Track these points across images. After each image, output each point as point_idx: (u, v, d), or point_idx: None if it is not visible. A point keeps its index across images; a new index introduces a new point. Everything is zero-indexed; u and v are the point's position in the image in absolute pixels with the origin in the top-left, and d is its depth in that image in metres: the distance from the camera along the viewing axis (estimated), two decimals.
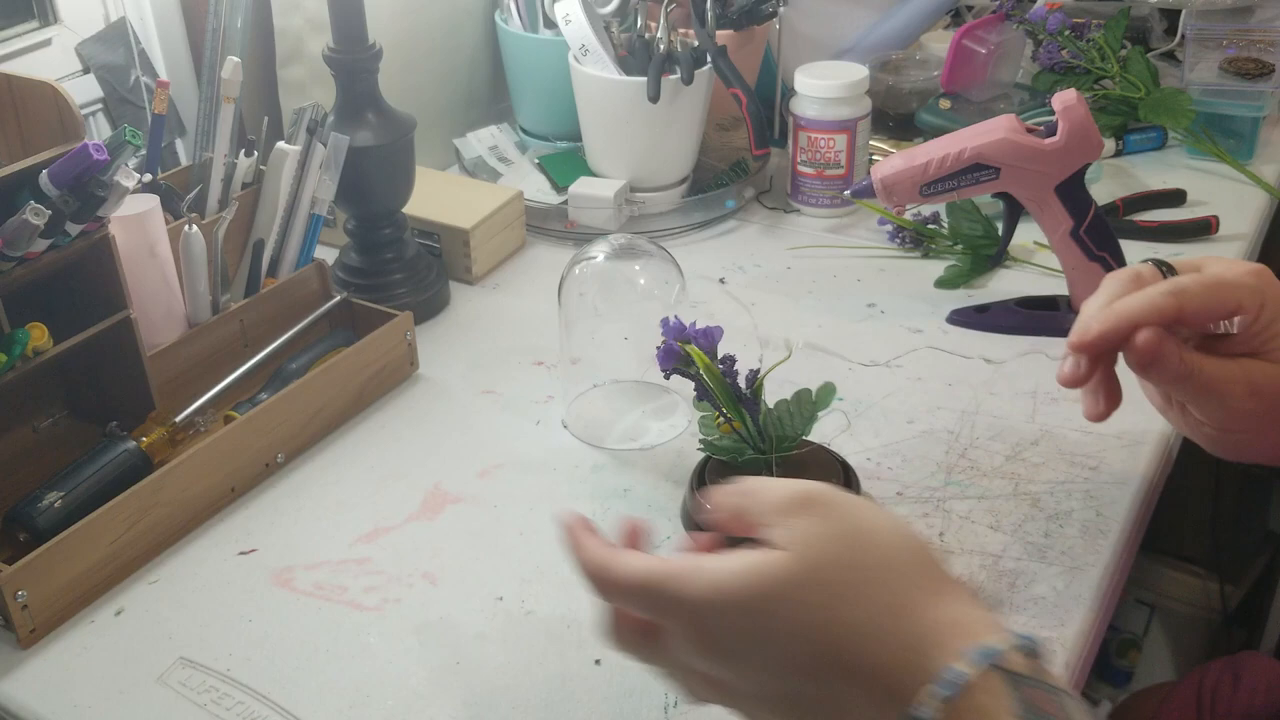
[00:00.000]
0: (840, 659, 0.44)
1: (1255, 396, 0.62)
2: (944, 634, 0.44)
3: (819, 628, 0.44)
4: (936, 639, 0.44)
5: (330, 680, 0.65)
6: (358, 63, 0.90)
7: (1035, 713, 0.41)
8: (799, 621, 0.45)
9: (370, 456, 0.83)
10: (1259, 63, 1.20)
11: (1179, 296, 0.60)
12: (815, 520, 0.46)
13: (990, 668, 0.42)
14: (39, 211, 0.66)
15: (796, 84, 1.10)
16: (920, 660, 0.43)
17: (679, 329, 0.69)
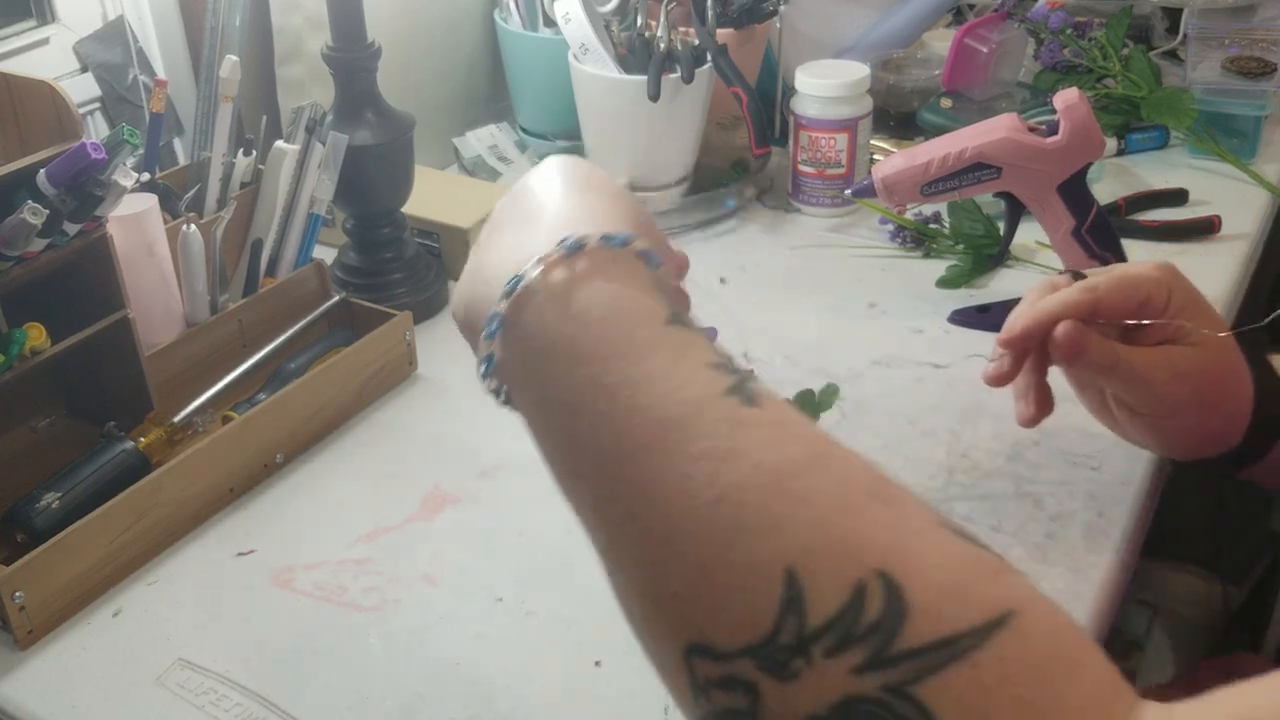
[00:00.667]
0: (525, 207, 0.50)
1: (1179, 379, 0.67)
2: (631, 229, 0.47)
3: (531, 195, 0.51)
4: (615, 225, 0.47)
5: (330, 681, 0.65)
6: (357, 61, 0.90)
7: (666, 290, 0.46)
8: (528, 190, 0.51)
9: (370, 456, 0.83)
10: (1261, 62, 1.19)
11: (1092, 292, 0.67)
12: None
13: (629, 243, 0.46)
14: (37, 211, 0.66)
15: (797, 83, 1.10)
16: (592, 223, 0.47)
17: None
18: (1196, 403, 0.68)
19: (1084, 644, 0.38)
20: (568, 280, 0.45)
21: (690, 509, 0.39)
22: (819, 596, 0.37)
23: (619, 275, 0.45)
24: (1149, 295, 0.68)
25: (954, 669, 0.35)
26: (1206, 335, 0.68)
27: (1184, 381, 0.67)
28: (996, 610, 0.36)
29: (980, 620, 0.36)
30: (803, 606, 0.37)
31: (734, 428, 0.40)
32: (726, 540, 0.38)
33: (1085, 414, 0.82)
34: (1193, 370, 0.68)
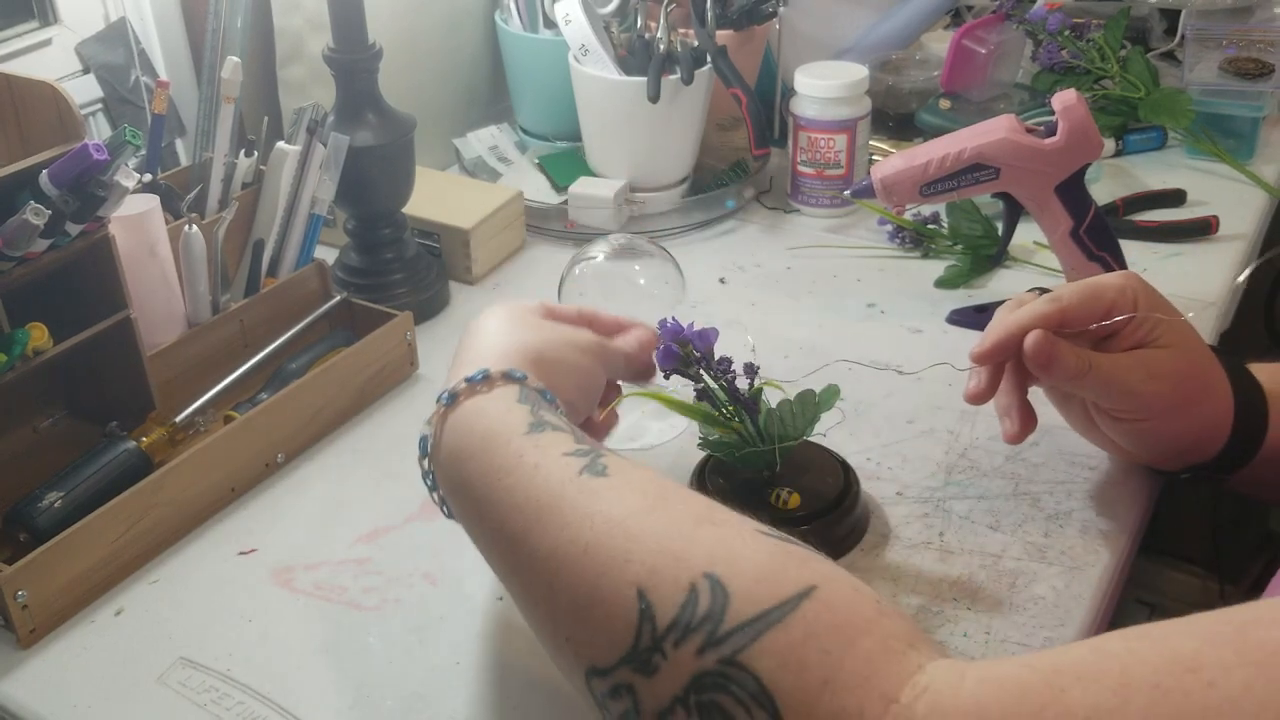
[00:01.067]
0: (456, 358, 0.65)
1: (1155, 379, 0.68)
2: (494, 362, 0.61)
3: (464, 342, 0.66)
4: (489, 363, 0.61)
5: (330, 680, 0.65)
6: (358, 63, 0.90)
7: (526, 398, 0.59)
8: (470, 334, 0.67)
9: (370, 456, 0.83)
10: (1259, 63, 1.20)
11: (1057, 302, 0.69)
12: None
13: (509, 377, 0.60)
14: (39, 211, 0.66)
15: (796, 84, 1.10)
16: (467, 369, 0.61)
17: (675, 330, 0.69)
18: (1175, 402, 0.69)
19: (881, 609, 0.46)
20: (463, 410, 0.59)
21: (565, 564, 0.51)
22: (663, 603, 0.47)
23: (486, 404, 0.59)
24: (1113, 302, 0.69)
25: (770, 635, 0.45)
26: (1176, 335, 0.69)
27: (1159, 380, 0.68)
28: (801, 586, 0.46)
29: (788, 595, 0.45)
30: (653, 614, 0.47)
31: (589, 497, 0.52)
32: (593, 581, 0.49)
33: None
34: (1166, 369, 0.69)
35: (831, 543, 0.71)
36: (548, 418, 0.58)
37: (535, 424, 0.57)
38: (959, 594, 0.69)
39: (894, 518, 0.75)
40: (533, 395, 0.59)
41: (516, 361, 0.62)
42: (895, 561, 0.71)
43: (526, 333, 0.65)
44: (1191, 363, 0.70)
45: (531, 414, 0.58)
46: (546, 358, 0.64)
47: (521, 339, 0.64)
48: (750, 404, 0.71)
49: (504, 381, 0.60)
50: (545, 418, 0.57)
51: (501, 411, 0.58)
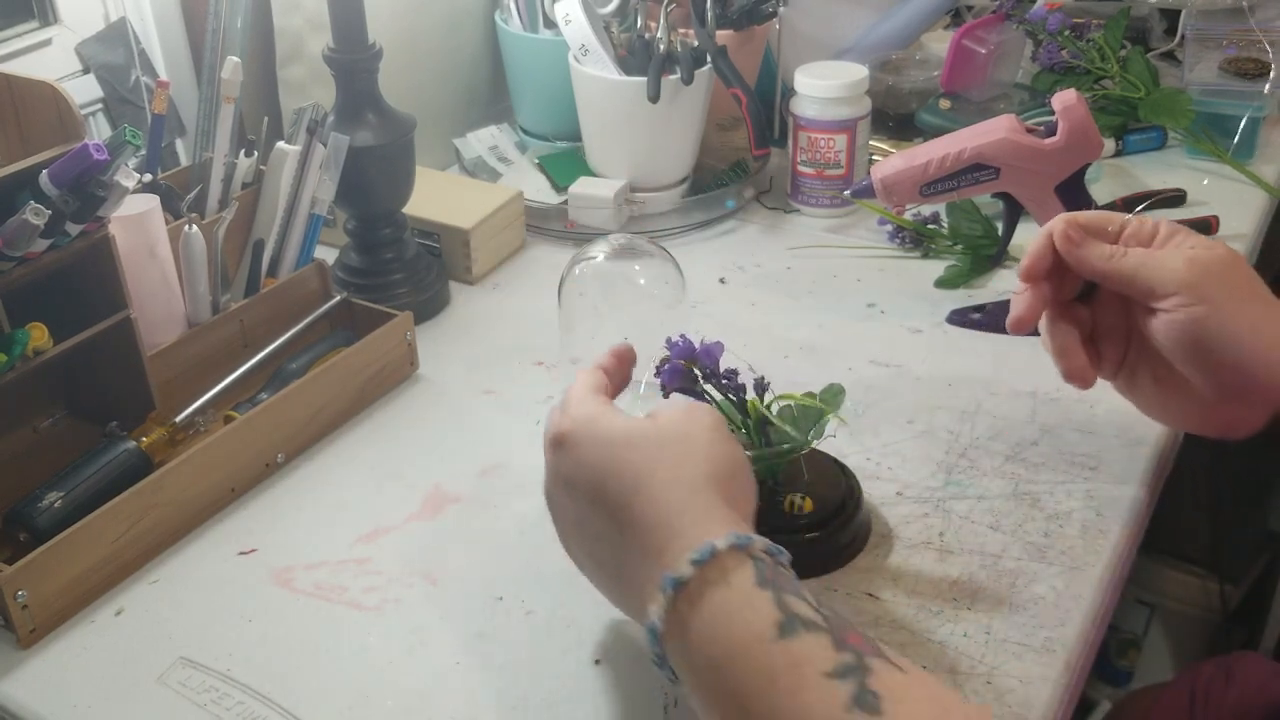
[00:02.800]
0: (629, 504, 0.56)
1: (1195, 263, 0.65)
2: (714, 522, 0.54)
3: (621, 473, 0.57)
4: (707, 523, 0.54)
5: (330, 680, 0.65)
6: (357, 63, 0.90)
7: (767, 580, 0.51)
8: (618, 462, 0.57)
9: (370, 456, 0.83)
10: (1259, 63, 1.20)
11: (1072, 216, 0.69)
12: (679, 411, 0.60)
13: (736, 548, 0.52)
14: (39, 211, 0.66)
15: (796, 84, 1.10)
16: (686, 535, 0.53)
17: (687, 349, 0.68)
18: (1225, 288, 0.64)
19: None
20: (700, 608, 0.51)
21: None
22: None
23: (724, 597, 0.51)
24: (1126, 221, 0.68)
25: None
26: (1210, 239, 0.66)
27: (1201, 264, 0.64)
28: None
29: None
30: None
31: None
32: None
33: (1083, 413, 0.82)
34: (1205, 257, 0.65)
35: (836, 549, 0.71)
36: (796, 608, 0.50)
37: (784, 624, 0.49)
38: (959, 594, 0.69)
39: (894, 518, 0.75)
40: (770, 570, 0.52)
41: (720, 509, 0.54)
42: (895, 562, 0.71)
43: (684, 453, 0.57)
44: (1235, 259, 0.66)
45: (777, 605, 0.50)
46: (724, 477, 0.57)
47: (699, 469, 0.56)
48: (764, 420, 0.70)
49: (734, 557, 0.52)
50: (794, 609, 0.50)
51: (742, 607, 0.50)
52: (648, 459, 0.57)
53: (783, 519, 0.71)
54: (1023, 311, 0.70)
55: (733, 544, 0.52)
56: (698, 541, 0.52)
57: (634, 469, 0.56)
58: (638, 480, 0.56)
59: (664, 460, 0.57)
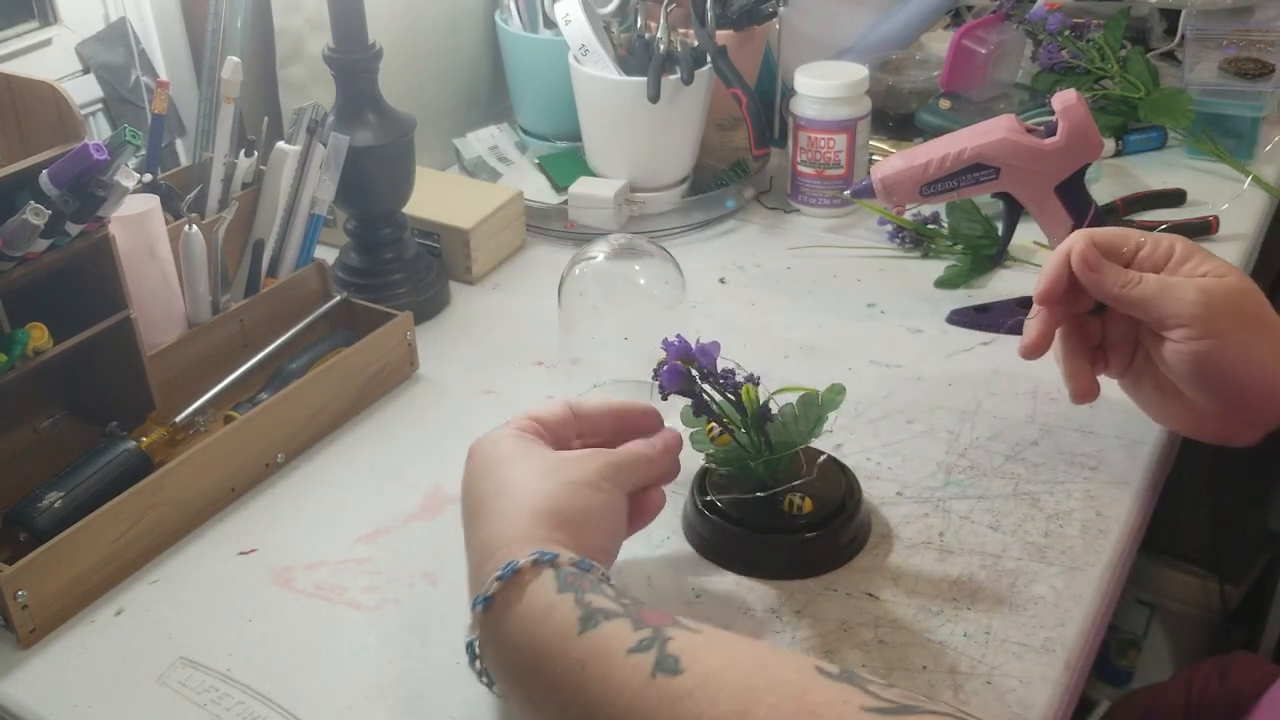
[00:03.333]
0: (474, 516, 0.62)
1: (1208, 293, 0.67)
2: (524, 542, 0.57)
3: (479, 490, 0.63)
4: (519, 542, 0.57)
5: (330, 680, 0.65)
6: (357, 63, 0.90)
7: (567, 585, 0.54)
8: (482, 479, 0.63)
9: (370, 456, 0.83)
10: (1259, 63, 1.20)
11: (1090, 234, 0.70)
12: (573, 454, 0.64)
13: (539, 563, 0.55)
14: (39, 211, 0.66)
15: (796, 84, 1.10)
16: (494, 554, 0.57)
17: (683, 349, 0.68)
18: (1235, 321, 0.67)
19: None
20: (506, 620, 0.54)
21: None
22: None
23: (526, 606, 0.54)
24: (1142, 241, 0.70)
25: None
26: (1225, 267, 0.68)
27: (1214, 295, 0.67)
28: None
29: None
30: None
31: (671, 706, 0.47)
32: None
33: (1083, 413, 0.82)
34: (1219, 288, 0.67)
35: (837, 549, 0.71)
36: (595, 603, 0.53)
37: (585, 617, 0.52)
38: (959, 594, 0.69)
39: (894, 518, 0.75)
40: (572, 576, 0.55)
41: (538, 533, 0.58)
42: (895, 562, 0.71)
43: (533, 484, 0.61)
44: (1246, 290, 0.68)
45: (577, 604, 0.53)
46: (565, 514, 0.60)
47: (532, 500, 0.60)
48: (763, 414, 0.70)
49: (535, 571, 0.55)
50: (593, 604, 0.53)
51: (543, 612, 0.53)
52: (499, 483, 0.62)
53: (783, 518, 0.71)
54: (1036, 338, 0.72)
55: (535, 559, 0.55)
56: (504, 559, 0.56)
57: (482, 491, 0.62)
58: (482, 501, 0.62)
59: (501, 485, 0.62)
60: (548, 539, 0.58)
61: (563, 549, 0.57)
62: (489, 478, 0.63)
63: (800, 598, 0.69)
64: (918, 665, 0.64)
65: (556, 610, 0.53)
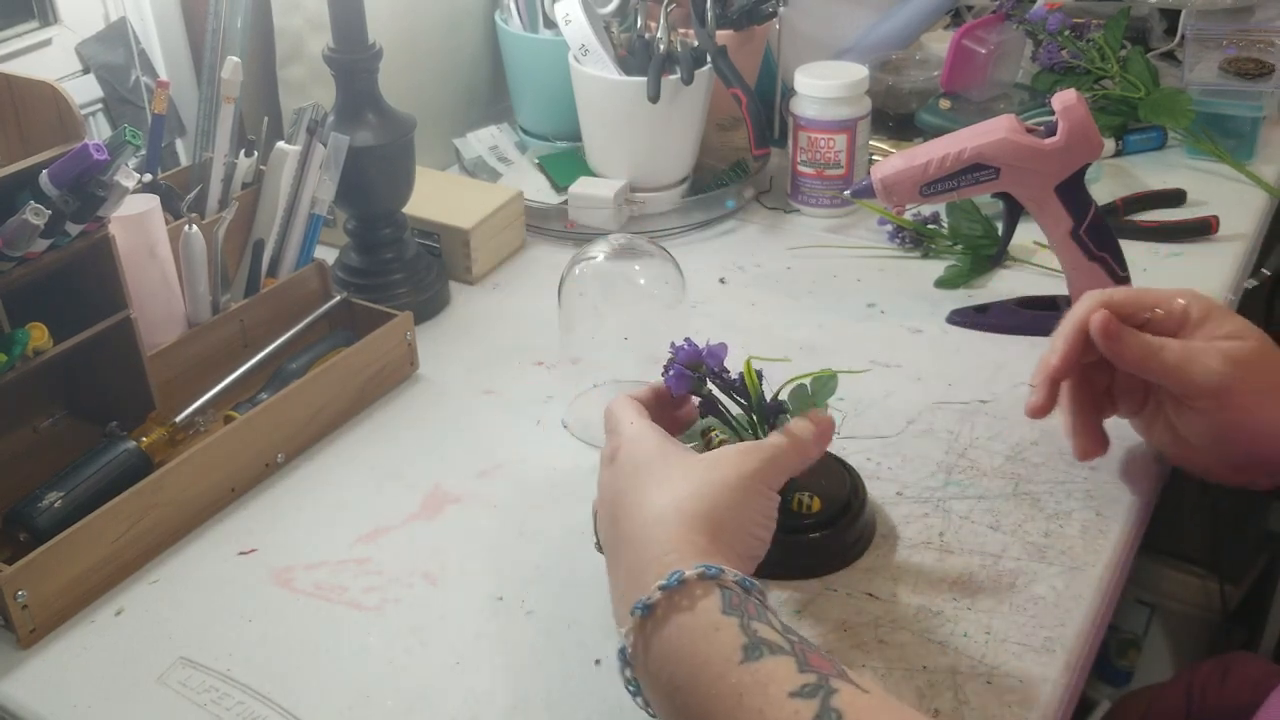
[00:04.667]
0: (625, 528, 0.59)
1: (1229, 361, 0.66)
2: (690, 554, 0.55)
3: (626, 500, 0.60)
4: (682, 551, 0.56)
5: (330, 680, 0.65)
6: (357, 63, 0.90)
7: (732, 606, 0.52)
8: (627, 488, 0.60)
9: (370, 456, 0.83)
10: (1259, 63, 1.20)
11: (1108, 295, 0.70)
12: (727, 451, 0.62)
13: (705, 577, 0.54)
14: (39, 211, 0.66)
15: (796, 84, 1.10)
16: (659, 559, 0.56)
17: (694, 354, 0.68)
18: (1255, 386, 0.67)
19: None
20: (667, 630, 0.53)
21: None
22: None
23: (691, 623, 0.52)
24: (1158, 298, 0.70)
25: None
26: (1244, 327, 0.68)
27: (1234, 364, 0.67)
28: None
29: None
30: None
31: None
32: None
33: None
34: (1240, 354, 0.67)
35: (843, 547, 0.71)
36: (762, 633, 0.51)
37: (750, 646, 0.51)
38: (959, 594, 0.69)
39: (894, 518, 0.75)
40: (738, 597, 0.53)
41: (700, 542, 0.56)
42: (896, 561, 0.71)
43: (687, 485, 0.59)
44: (1269, 353, 0.68)
45: (743, 630, 0.51)
46: (722, 519, 0.58)
47: (691, 503, 0.58)
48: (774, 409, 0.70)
49: (702, 585, 0.54)
50: (759, 634, 0.51)
51: (708, 631, 0.52)
52: (645, 484, 0.60)
53: (791, 517, 0.71)
54: (1044, 400, 0.72)
55: (700, 573, 0.54)
56: (669, 568, 0.54)
57: (629, 494, 0.60)
58: (631, 504, 0.60)
59: (657, 480, 0.60)
60: (708, 550, 0.56)
61: (726, 564, 0.55)
62: (632, 494, 0.60)
63: (800, 598, 0.69)
64: (918, 665, 0.64)
65: (721, 632, 0.51)
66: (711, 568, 0.54)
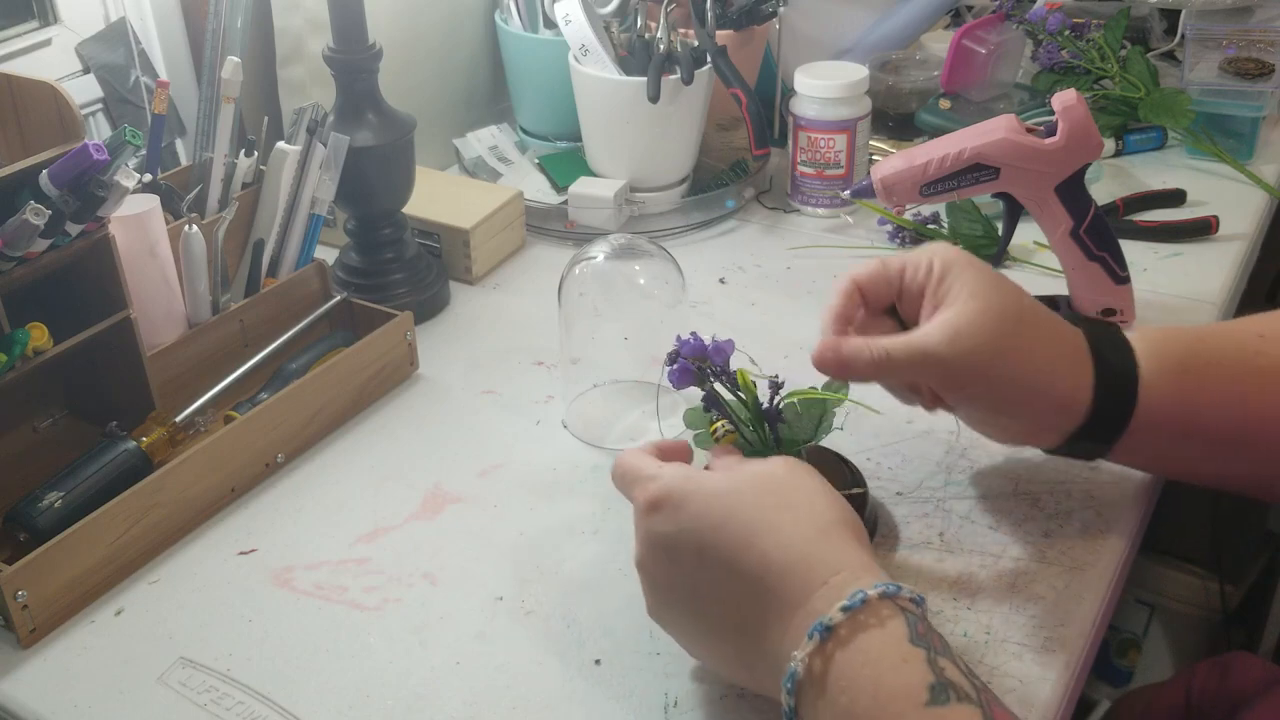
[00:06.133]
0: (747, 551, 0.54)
1: (961, 337, 0.63)
2: (855, 566, 0.53)
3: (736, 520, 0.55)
4: (850, 567, 0.52)
5: (330, 680, 0.65)
6: (357, 63, 0.90)
7: (919, 636, 0.49)
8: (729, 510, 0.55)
9: (370, 456, 0.83)
10: (1259, 63, 1.20)
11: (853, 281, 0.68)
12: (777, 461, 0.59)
13: (886, 596, 0.50)
14: (39, 211, 0.66)
15: (796, 84, 1.10)
16: (829, 580, 0.52)
17: (698, 348, 0.67)
18: (995, 354, 0.63)
19: None
20: (848, 653, 0.49)
21: None
22: None
23: (877, 650, 0.49)
24: (901, 268, 0.67)
25: None
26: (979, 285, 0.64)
27: (967, 337, 0.63)
28: None
29: None
30: None
31: None
32: None
33: None
34: (971, 325, 0.63)
35: None
36: (949, 674, 0.48)
37: (936, 687, 0.47)
38: (959, 594, 0.69)
39: (894, 518, 0.75)
40: (923, 625, 0.51)
41: (855, 548, 0.53)
42: (896, 561, 0.71)
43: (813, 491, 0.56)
44: (1002, 308, 0.64)
45: (930, 667, 0.48)
46: (852, 520, 0.56)
47: (825, 511, 0.55)
48: (775, 414, 0.70)
49: (887, 607, 0.50)
50: (947, 674, 0.48)
51: (895, 662, 0.49)
52: (762, 503, 0.55)
53: None
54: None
55: (882, 592, 0.51)
56: (846, 586, 0.51)
57: (749, 515, 0.55)
58: (757, 525, 0.54)
59: (780, 503, 0.55)
60: (867, 563, 0.53)
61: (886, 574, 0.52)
62: (735, 502, 0.56)
63: None
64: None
65: (909, 666, 0.48)
66: (891, 585, 0.51)
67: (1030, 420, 0.68)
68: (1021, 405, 0.66)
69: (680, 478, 0.58)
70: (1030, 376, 0.65)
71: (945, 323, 0.64)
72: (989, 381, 0.65)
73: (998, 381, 0.65)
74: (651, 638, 0.66)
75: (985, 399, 0.66)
